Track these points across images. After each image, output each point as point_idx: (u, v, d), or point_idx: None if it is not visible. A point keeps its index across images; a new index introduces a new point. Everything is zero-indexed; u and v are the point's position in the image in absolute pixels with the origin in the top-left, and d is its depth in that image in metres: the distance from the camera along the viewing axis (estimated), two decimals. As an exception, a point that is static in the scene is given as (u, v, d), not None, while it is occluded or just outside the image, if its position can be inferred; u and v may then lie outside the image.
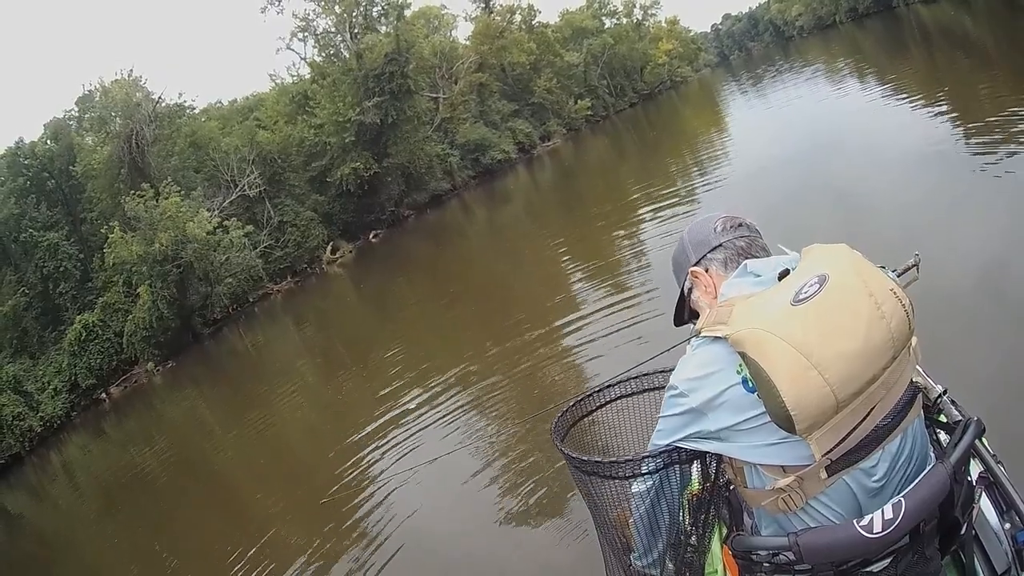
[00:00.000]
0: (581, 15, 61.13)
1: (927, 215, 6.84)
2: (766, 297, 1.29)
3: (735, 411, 1.29)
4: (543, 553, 4.33)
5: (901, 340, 1.23)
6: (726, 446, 1.33)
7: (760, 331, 1.21)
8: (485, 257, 18.91)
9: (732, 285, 1.41)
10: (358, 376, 11.81)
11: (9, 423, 22.58)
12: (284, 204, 33.48)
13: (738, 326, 1.25)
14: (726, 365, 1.29)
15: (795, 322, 1.20)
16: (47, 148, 31.72)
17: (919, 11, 37.66)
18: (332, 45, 37.89)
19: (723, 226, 1.56)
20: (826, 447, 1.22)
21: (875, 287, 1.24)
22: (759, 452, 1.29)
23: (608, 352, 6.91)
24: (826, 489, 1.28)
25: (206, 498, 9.37)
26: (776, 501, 1.30)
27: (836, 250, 1.34)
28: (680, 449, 1.43)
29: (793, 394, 1.17)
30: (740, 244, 1.53)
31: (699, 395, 1.32)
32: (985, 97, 10.85)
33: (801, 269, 1.31)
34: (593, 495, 1.67)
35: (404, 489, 5.89)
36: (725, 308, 1.32)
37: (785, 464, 1.28)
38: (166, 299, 25.69)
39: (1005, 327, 4.29)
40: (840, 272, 1.26)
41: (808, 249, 1.38)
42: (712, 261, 1.54)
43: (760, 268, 1.41)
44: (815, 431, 1.19)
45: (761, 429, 1.27)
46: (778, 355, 1.18)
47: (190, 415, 16.36)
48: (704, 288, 1.56)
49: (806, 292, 1.23)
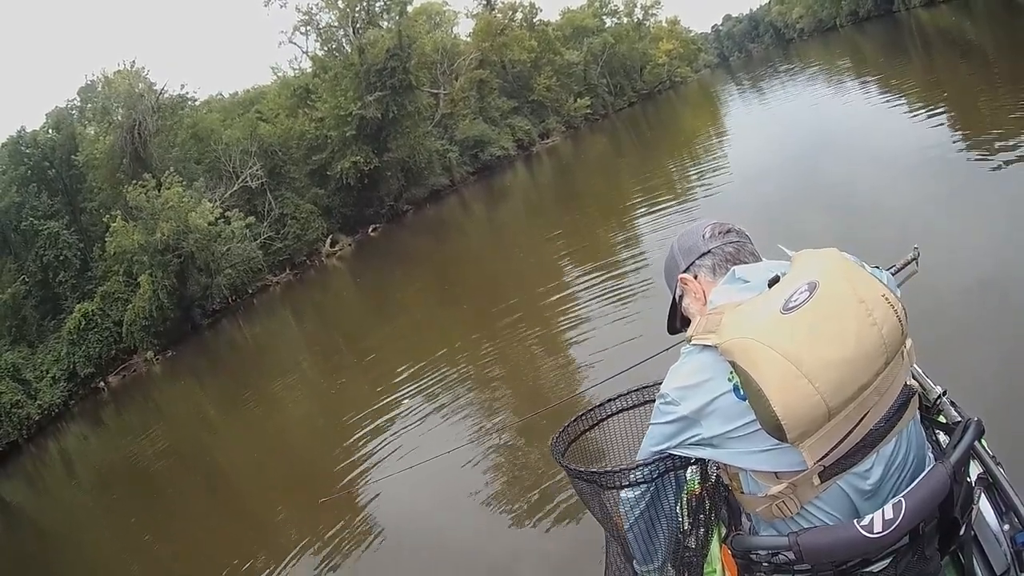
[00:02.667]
0: (582, 14, 61.07)
1: (926, 215, 6.85)
2: (755, 305, 1.28)
3: (726, 419, 1.29)
4: (542, 552, 4.34)
5: (894, 346, 1.22)
6: (719, 452, 1.33)
7: (749, 340, 1.21)
8: (483, 252, 18.90)
9: (721, 292, 1.41)
10: (356, 370, 11.81)
11: (7, 411, 22.62)
12: (284, 197, 33.52)
13: (728, 335, 1.25)
14: (717, 373, 1.29)
15: (785, 331, 1.19)
16: (49, 137, 31.72)
17: (919, 15, 37.63)
18: (334, 39, 37.89)
19: (711, 232, 1.56)
20: (818, 454, 1.21)
21: (866, 293, 1.23)
22: (751, 459, 1.29)
23: (605, 348, 6.90)
24: (820, 494, 1.28)
25: (202, 491, 9.38)
26: (771, 507, 1.30)
27: (826, 256, 1.32)
28: (673, 456, 1.43)
29: (783, 403, 1.16)
30: (728, 250, 1.52)
31: (690, 403, 1.32)
32: (984, 100, 10.83)
33: (791, 276, 1.30)
34: (594, 505, 1.68)
35: (402, 487, 5.88)
36: (715, 316, 1.31)
37: (778, 471, 1.28)
38: (166, 289, 25.76)
39: (1004, 328, 4.29)
40: (830, 279, 1.25)
41: (798, 255, 1.37)
42: (700, 268, 1.54)
43: (749, 274, 1.40)
44: (807, 439, 1.19)
45: (753, 436, 1.26)
46: (767, 364, 1.18)
47: (188, 405, 16.38)
48: (694, 295, 1.56)
49: (796, 300, 1.22)
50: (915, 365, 1.69)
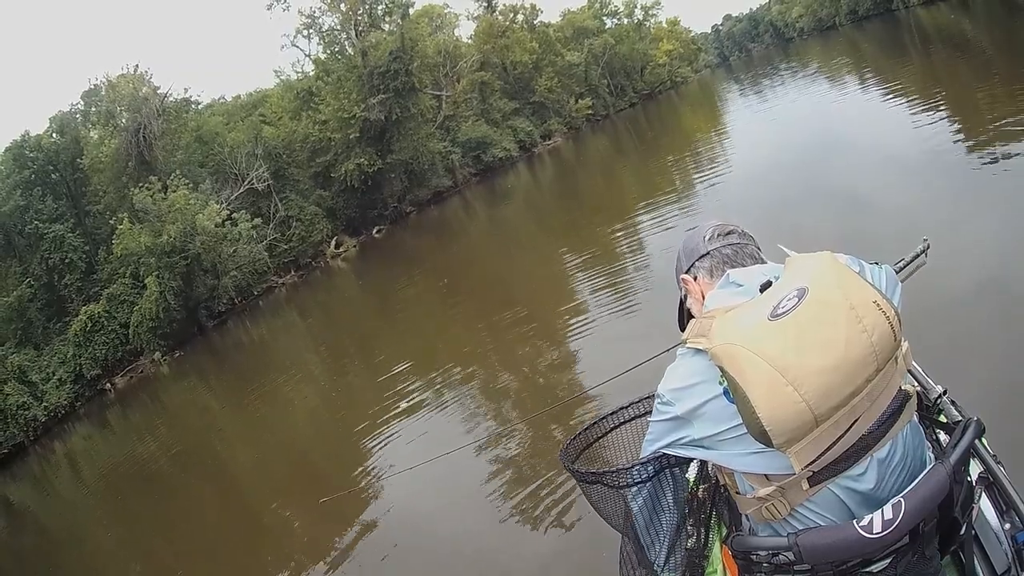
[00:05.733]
0: (582, 15, 61.04)
1: (926, 215, 6.83)
2: (745, 310, 1.28)
3: (717, 421, 1.30)
4: (542, 551, 4.34)
5: (885, 352, 1.20)
6: (711, 453, 1.35)
7: (737, 347, 1.21)
8: (486, 253, 18.92)
9: (715, 296, 1.42)
10: (360, 370, 11.84)
11: (13, 412, 22.75)
12: (289, 199, 33.65)
13: (717, 340, 1.25)
14: (708, 377, 1.30)
15: (772, 338, 1.19)
16: (53, 141, 31.82)
17: (918, 14, 37.58)
18: (337, 42, 37.97)
19: (712, 234, 1.58)
20: (806, 460, 1.21)
21: (856, 300, 1.21)
22: (742, 461, 1.30)
23: (608, 348, 6.91)
24: (812, 497, 1.28)
25: (206, 491, 9.41)
26: (760, 509, 1.31)
27: (818, 261, 1.31)
28: (670, 456, 1.45)
29: (768, 410, 1.16)
30: (726, 252, 1.54)
31: (683, 404, 1.34)
32: (983, 98, 10.80)
33: (782, 281, 1.30)
34: (603, 507, 1.69)
35: (403, 488, 5.90)
36: (707, 320, 1.32)
37: (768, 473, 1.28)
38: (173, 290, 25.86)
39: (1005, 327, 4.28)
40: (820, 285, 1.24)
41: (791, 260, 1.36)
42: (700, 269, 1.57)
43: (742, 278, 1.40)
44: (794, 445, 1.18)
45: (743, 439, 1.26)
46: (753, 371, 1.17)
47: (194, 406, 16.43)
48: (694, 295, 1.58)
49: (784, 307, 1.22)
50: (915, 364, 1.69)
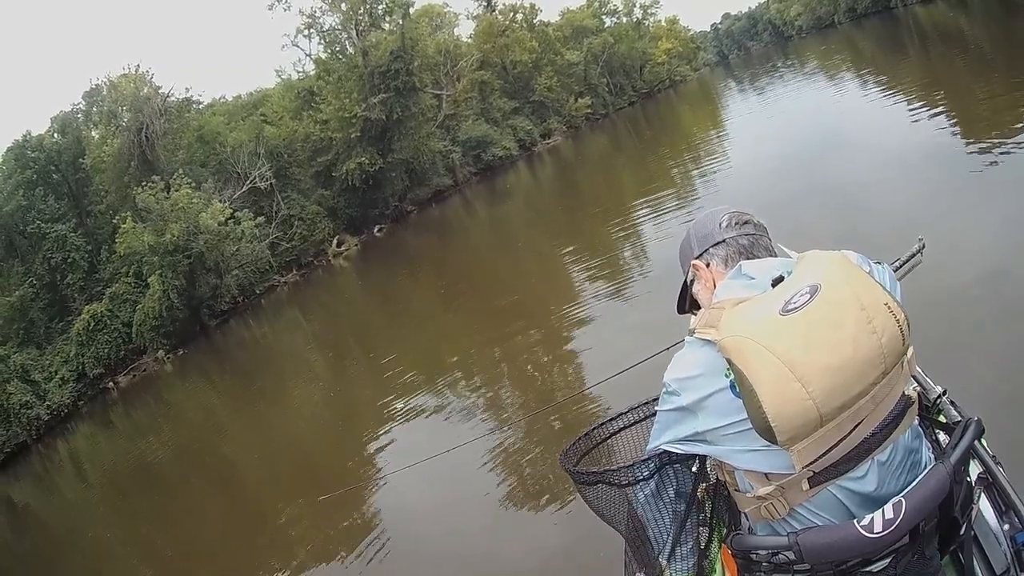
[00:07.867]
0: (582, 14, 60.83)
1: (926, 214, 6.82)
2: (756, 304, 1.27)
3: (721, 414, 1.29)
4: (542, 550, 4.35)
5: (893, 355, 1.20)
6: (713, 448, 1.34)
7: (746, 339, 1.20)
8: (486, 251, 18.95)
9: (726, 287, 1.40)
10: (361, 369, 11.87)
11: (16, 411, 22.75)
12: (290, 198, 33.68)
13: (726, 332, 1.23)
14: (715, 368, 1.28)
15: (781, 333, 1.18)
16: (54, 141, 31.78)
17: (916, 11, 37.48)
18: (338, 42, 37.87)
19: (728, 222, 1.54)
20: (807, 459, 1.20)
21: (868, 300, 1.21)
22: (743, 457, 1.29)
23: (609, 344, 6.92)
24: (811, 498, 1.27)
25: (208, 490, 9.44)
26: (759, 508, 1.30)
27: (831, 259, 1.30)
28: (672, 453, 1.44)
29: (774, 406, 1.15)
30: (743, 242, 1.51)
31: (689, 394, 1.32)
32: (981, 96, 10.80)
33: (794, 277, 1.28)
34: (602, 508, 1.69)
35: (403, 486, 5.92)
36: (717, 311, 1.30)
37: (768, 471, 1.27)
38: (176, 289, 25.86)
39: (1005, 327, 4.28)
40: (832, 283, 1.23)
41: (803, 256, 1.35)
42: (714, 256, 1.53)
43: (755, 271, 1.38)
44: (797, 443, 1.18)
45: (745, 435, 1.25)
46: (761, 365, 1.16)
47: (197, 405, 16.47)
48: (704, 282, 1.56)
49: (796, 302, 1.20)
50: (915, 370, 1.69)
